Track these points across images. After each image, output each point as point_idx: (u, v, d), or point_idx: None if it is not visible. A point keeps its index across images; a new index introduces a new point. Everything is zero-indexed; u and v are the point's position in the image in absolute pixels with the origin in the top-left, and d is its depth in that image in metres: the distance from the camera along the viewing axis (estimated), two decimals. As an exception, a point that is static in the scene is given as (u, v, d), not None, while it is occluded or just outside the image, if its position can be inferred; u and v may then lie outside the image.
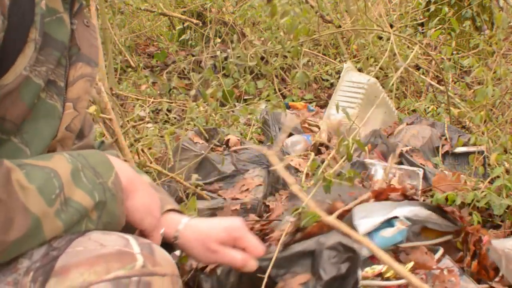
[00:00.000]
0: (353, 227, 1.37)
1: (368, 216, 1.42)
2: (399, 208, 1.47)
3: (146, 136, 1.99)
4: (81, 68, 0.95)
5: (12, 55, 0.79)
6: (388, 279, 1.36)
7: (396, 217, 1.44)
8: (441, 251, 1.47)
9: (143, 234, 0.92)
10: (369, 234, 1.40)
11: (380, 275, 1.36)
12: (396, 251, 1.47)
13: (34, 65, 0.83)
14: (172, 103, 3.09)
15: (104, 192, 0.81)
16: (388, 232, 1.42)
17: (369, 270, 1.35)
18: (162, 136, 2.13)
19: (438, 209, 1.55)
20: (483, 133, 2.35)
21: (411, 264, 1.41)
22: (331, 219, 1.16)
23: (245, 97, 3.36)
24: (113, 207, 0.83)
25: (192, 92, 2.60)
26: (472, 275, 1.47)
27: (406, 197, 1.60)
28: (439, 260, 1.45)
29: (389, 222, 1.44)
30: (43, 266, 0.74)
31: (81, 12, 0.97)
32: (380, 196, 1.56)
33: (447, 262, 1.45)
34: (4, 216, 0.70)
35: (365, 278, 1.33)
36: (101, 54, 2.50)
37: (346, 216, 1.44)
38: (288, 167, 2.08)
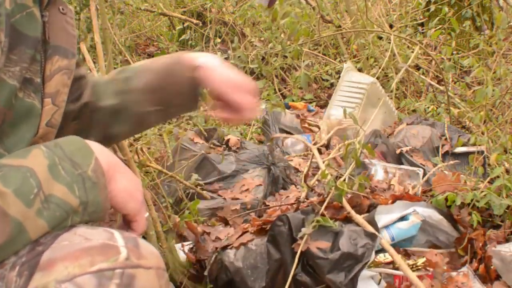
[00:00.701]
0: (375, 221, 1.49)
1: (388, 212, 1.59)
2: (415, 208, 1.63)
3: (145, 135, 1.99)
4: (57, 62, 0.94)
5: None
6: (397, 269, 1.41)
7: (412, 211, 1.60)
8: (446, 259, 1.56)
9: (126, 219, 0.92)
10: (386, 226, 1.56)
11: (392, 264, 1.42)
12: (407, 254, 1.58)
13: (6, 66, 0.82)
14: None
15: (84, 183, 0.81)
16: (403, 225, 1.57)
17: (382, 257, 1.42)
18: (161, 135, 2.13)
19: (449, 217, 1.64)
20: (483, 133, 2.35)
21: (423, 259, 1.46)
22: (353, 213, 1.39)
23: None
24: (96, 195, 0.82)
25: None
26: (480, 278, 1.49)
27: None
28: (457, 268, 1.56)
29: (405, 218, 1.60)
30: (29, 261, 0.75)
31: (55, 0, 0.96)
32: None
33: (465, 269, 1.53)
34: None
35: (377, 264, 1.40)
36: (100, 54, 2.50)
37: (371, 212, 1.57)
38: (288, 167, 2.08)
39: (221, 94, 1.10)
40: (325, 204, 1.48)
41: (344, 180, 1.62)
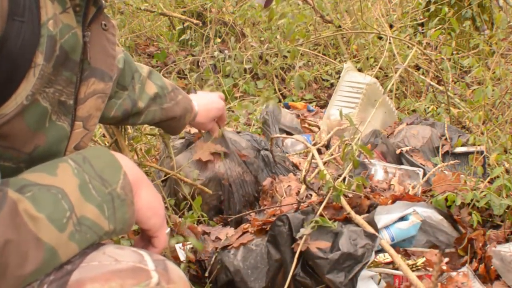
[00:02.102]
0: (374, 221, 1.49)
1: (388, 212, 1.60)
2: (415, 208, 1.64)
3: (146, 134, 1.99)
4: (93, 84, 0.91)
5: (14, 81, 0.74)
6: (397, 269, 1.41)
7: (412, 212, 1.60)
8: (446, 259, 1.56)
9: (147, 234, 0.91)
10: (386, 227, 1.57)
11: (392, 264, 1.43)
12: (407, 254, 1.59)
13: (44, 87, 0.78)
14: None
15: (113, 202, 0.79)
16: (403, 225, 1.58)
17: (382, 257, 1.43)
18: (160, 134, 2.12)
19: (450, 217, 1.64)
20: (482, 133, 2.35)
21: (423, 259, 1.46)
22: (353, 213, 1.42)
23: (242, 94, 3.34)
24: (124, 212, 0.81)
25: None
26: (480, 278, 1.50)
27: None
28: (457, 268, 1.56)
29: (405, 218, 1.60)
30: (57, 279, 0.73)
31: (99, 16, 0.92)
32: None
33: (465, 269, 1.53)
34: (17, 251, 0.68)
35: (377, 264, 1.40)
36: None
37: (370, 213, 1.57)
38: (285, 157, 2.07)
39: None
40: (323, 204, 1.48)
41: (343, 180, 1.63)
